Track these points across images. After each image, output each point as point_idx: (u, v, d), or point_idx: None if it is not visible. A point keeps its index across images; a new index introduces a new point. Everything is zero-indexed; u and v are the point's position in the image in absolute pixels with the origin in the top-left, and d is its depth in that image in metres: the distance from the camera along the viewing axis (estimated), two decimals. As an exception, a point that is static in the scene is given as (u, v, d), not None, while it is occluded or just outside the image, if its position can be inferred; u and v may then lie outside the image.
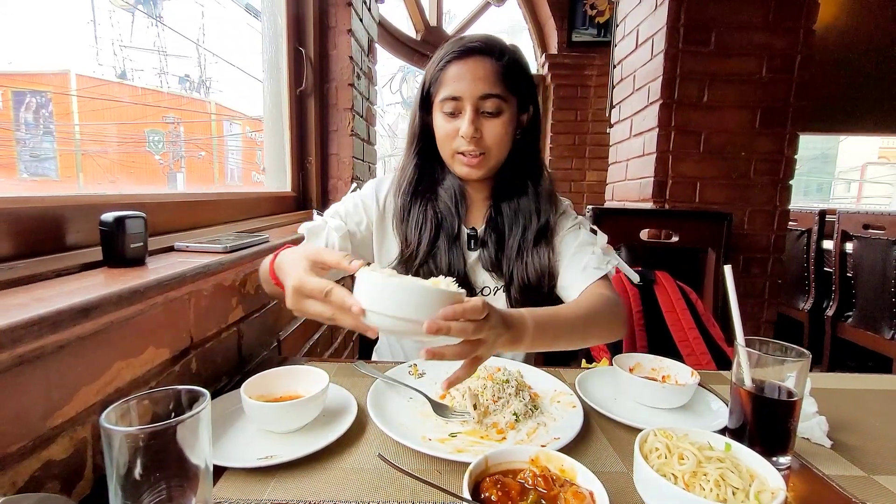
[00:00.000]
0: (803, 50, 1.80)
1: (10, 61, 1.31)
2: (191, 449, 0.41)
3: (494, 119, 0.88)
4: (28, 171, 1.47)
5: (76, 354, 0.48)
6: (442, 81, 0.89)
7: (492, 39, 0.90)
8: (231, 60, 2.69)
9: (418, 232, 0.94)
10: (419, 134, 0.97)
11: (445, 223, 0.95)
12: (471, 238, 0.97)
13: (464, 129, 0.87)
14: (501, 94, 0.87)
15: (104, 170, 1.96)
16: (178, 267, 0.66)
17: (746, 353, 0.61)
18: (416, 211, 0.95)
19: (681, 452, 0.49)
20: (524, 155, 0.97)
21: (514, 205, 0.96)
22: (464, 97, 0.87)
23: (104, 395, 0.51)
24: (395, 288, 0.49)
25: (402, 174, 0.99)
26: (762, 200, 1.87)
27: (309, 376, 0.68)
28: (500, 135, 0.89)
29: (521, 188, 0.97)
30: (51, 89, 1.84)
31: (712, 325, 1.49)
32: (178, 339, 0.66)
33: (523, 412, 0.67)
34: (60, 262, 0.62)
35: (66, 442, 0.47)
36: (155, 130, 2.75)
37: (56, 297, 0.48)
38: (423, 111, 0.95)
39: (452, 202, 0.96)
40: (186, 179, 3.38)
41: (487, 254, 0.95)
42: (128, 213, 0.66)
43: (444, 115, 0.90)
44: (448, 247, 0.94)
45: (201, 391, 0.44)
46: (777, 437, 0.59)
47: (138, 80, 2.59)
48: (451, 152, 0.91)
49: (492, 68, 0.87)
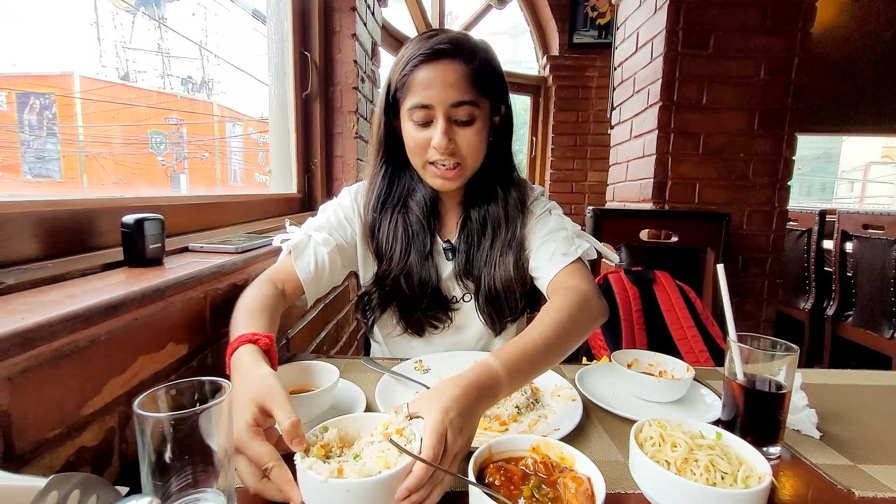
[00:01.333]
0: (800, 52, 1.82)
1: (15, 63, 1.31)
2: (214, 436, 0.44)
3: (468, 128, 0.84)
4: (32, 172, 1.50)
5: (105, 349, 0.51)
6: (409, 86, 0.83)
7: (461, 40, 0.84)
8: (235, 63, 2.72)
9: (389, 250, 0.92)
10: (385, 141, 0.92)
11: (416, 240, 0.92)
12: (446, 250, 0.95)
13: (437, 140, 0.82)
14: (474, 99, 0.82)
15: (107, 171, 1.99)
16: (195, 267, 0.70)
17: (738, 348, 0.64)
18: (387, 226, 0.92)
19: (674, 441, 0.52)
20: (496, 158, 0.93)
21: (483, 212, 0.93)
22: (435, 106, 0.81)
23: (129, 386, 0.55)
24: (335, 490, 0.44)
25: (369, 187, 0.95)
26: (761, 201, 1.90)
27: (320, 371, 0.72)
28: (474, 143, 0.85)
29: (491, 194, 0.94)
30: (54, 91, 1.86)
31: (711, 323, 1.51)
32: (195, 335, 0.69)
33: (525, 405, 0.70)
34: (85, 262, 0.65)
35: (96, 430, 0.50)
36: (158, 132, 2.78)
37: (85, 295, 0.51)
38: (388, 116, 0.90)
39: (424, 215, 0.93)
40: (189, 181, 3.42)
41: (457, 264, 0.94)
42: (147, 216, 0.70)
43: (414, 124, 0.85)
44: (420, 262, 0.92)
45: (223, 382, 0.47)
46: (767, 427, 0.62)
47: (142, 82, 2.62)
48: (423, 163, 0.87)
49: (462, 72, 0.81)
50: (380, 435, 0.52)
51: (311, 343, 1.28)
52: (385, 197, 0.93)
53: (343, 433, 0.54)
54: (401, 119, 0.88)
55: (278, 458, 0.48)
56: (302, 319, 1.16)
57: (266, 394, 0.51)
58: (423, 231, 0.92)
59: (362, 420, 0.56)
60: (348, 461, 0.49)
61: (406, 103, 0.84)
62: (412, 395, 0.75)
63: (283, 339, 1.06)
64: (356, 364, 0.88)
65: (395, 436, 0.50)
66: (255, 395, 0.51)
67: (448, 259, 0.95)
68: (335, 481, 0.44)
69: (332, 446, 0.52)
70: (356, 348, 1.80)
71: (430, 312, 0.94)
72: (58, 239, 0.65)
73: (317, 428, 0.52)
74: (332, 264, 0.90)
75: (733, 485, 0.47)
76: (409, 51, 0.83)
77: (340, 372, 0.70)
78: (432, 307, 0.94)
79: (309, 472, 0.45)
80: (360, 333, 1.83)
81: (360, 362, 0.87)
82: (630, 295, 1.50)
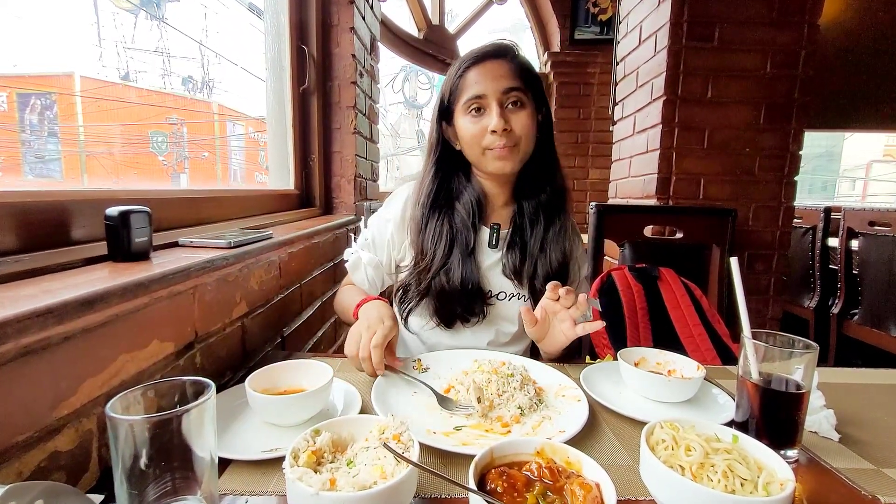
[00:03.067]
0: (807, 45, 1.78)
1: (15, 63, 1.29)
2: (196, 440, 0.41)
3: (520, 111, 0.91)
4: (33, 172, 1.48)
5: (82, 346, 0.48)
6: (462, 87, 0.92)
7: (503, 44, 0.94)
8: (234, 60, 2.70)
9: (433, 246, 0.96)
10: (437, 144, 0.99)
11: (460, 237, 0.96)
12: (493, 233, 0.98)
13: (494, 122, 0.88)
14: (522, 87, 0.90)
15: (108, 171, 1.97)
16: (183, 261, 0.66)
17: (753, 346, 0.61)
18: (433, 224, 0.97)
19: (687, 444, 0.49)
20: (542, 154, 0.99)
21: (535, 203, 0.99)
22: (487, 94, 0.90)
23: (109, 387, 0.52)
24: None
25: (420, 186, 1.00)
26: (767, 197, 1.86)
27: (313, 370, 0.68)
28: (527, 125, 0.91)
29: (541, 186, 1.00)
30: (55, 91, 1.85)
31: (717, 321, 1.48)
32: (182, 333, 0.66)
33: (528, 406, 0.67)
34: (66, 255, 0.62)
35: (71, 433, 0.47)
36: (158, 132, 2.75)
37: (62, 290, 0.48)
38: (441, 123, 0.98)
39: (469, 215, 0.97)
40: (190, 180, 3.38)
41: (511, 260, 0.98)
42: (132, 208, 0.66)
43: (471, 116, 0.92)
44: (461, 261, 0.95)
45: (206, 382, 0.44)
46: (784, 430, 0.59)
47: (142, 82, 2.60)
48: (482, 150, 0.93)
49: (510, 66, 0.91)
50: (375, 440, 0.48)
51: (308, 342, 1.25)
52: (435, 195, 0.98)
53: (336, 437, 0.51)
54: (455, 122, 0.95)
55: (379, 359, 0.73)
56: (298, 318, 1.13)
57: (390, 334, 0.76)
58: (467, 229, 0.97)
59: (357, 423, 0.53)
60: (341, 468, 0.46)
61: (461, 101, 0.92)
62: (410, 396, 0.72)
63: (279, 337, 1.03)
64: (352, 363, 0.85)
65: (391, 442, 0.47)
66: (387, 320, 0.78)
67: (491, 246, 0.99)
68: (327, 494, 0.40)
69: (325, 451, 0.48)
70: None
71: (467, 307, 0.97)
72: (38, 232, 0.62)
73: (308, 432, 0.49)
74: (378, 276, 1.04)
75: (754, 492, 0.44)
76: (458, 63, 0.94)
77: (335, 371, 0.67)
78: (469, 302, 0.96)
79: (298, 483, 0.41)
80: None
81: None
82: (634, 292, 1.47)
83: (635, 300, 1.46)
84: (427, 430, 0.61)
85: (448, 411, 0.67)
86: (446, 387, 0.74)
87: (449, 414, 0.66)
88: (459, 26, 3.81)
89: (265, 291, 0.95)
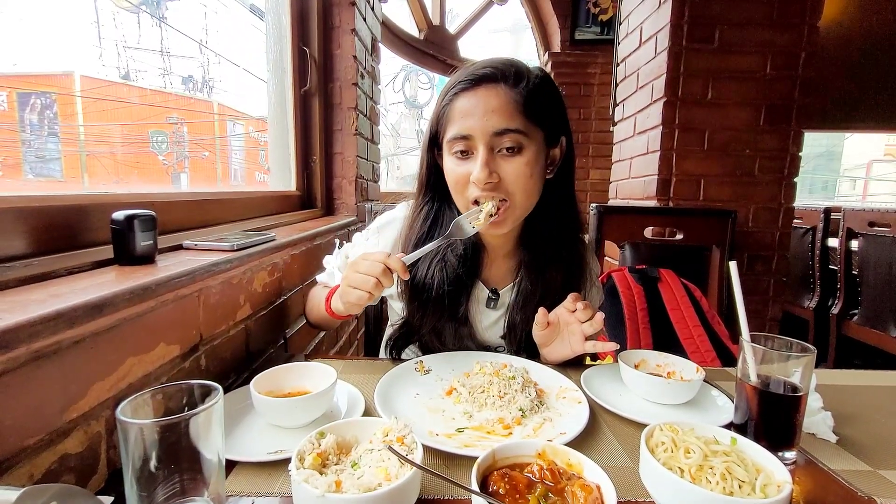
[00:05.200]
0: (807, 47, 1.79)
1: (15, 63, 1.29)
2: (203, 442, 0.42)
3: (514, 158, 0.75)
4: (33, 171, 1.48)
5: (90, 350, 0.49)
6: (450, 118, 0.77)
7: (506, 63, 0.76)
8: (235, 61, 2.70)
9: (425, 301, 0.84)
10: (427, 180, 0.86)
11: (455, 292, 0.84)
12: (490, 300, 0.88)
13: (476, 173, 0.74)
14: (521, 127, 0.74)
15: (109, 171, 1.98)
16: (188, 265, 0.67)
17: (752, 349, 0.61)
18: (424, 273, 0.84)
19: (687, 446, 0.50)
20: (554, 200, 0.83)
21: (543, 264, 0.85)
22: (474, 135, 0.74)
23: (117, 390, 0.52)
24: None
25: (409, 230, 0.87)
26: (766, 198, 1.87)
27: (317, 372, 0.69)
28: (522, 176, 0.75)
29: (549, 241, 0.84)
30: (56, 90, 1.85)
31: (717, 323, 1.49)
32: (187, 335, 0.67)
33: (529, 407, 0.68)
34: (73, 259, 0.63)
35: (80, 436, 0.48)
36: (159, 131, 2.76)
37: (70, 294, 0.49)
38: (431, 153, 0.84)
39: (465, 264, 0.84)
40: (190, 180, 3.39)
41: (510, 322, 0.87)
42: (138, 212, 0.67)
43: (455, 158, 0.78)
44: (458, 317, 0.85)
45: (214, 385, 0.45)
46: (782, 432, 0.60)
47: (142, 81, 2.61)
48: (466, 202, 0.79)
49: (507, 97, 0.74)
50: (379, 442, 0.49)
51: (310, 343, 1.26)
52: (425, 241, 0.83)
53: (341, 439, 0.52)
54: (443, 155, 0.81)
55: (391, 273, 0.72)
56: (301, 319, 1.13)
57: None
58: (463, 281, 0.84)
59: (361, 425, 0.54)
60: (346, 469, 0.47)
61: (446, 136, 0.78)
62: (412, 397, 0.73)
63: (282, 338, 1.04)
64: (355, 365, 0.85)
65: (395, 444, 0.48)
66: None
67: (489, 307, 0.88)
68: (333, 496, 0.41)
69: (330, 453, 0.49)
70: (356, 348, 1.77)
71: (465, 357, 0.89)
72: (45, 236, 0.63)
73: (313, 434, 0.50)
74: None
75: (751, 494, 0.44)
76: (451, 80, 0.78)
77: (339, 373, 0.68)
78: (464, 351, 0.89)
79: (304, 485, 0.42)
80: (360, 333, 1.80)
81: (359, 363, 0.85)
82: (635, 293, 1.48)
83: (635, 301, 1.47)
84: (429, 432, 0.62)
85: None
86: (448, 388, 0.75)
87: (451, 417, 0.67)
88: (460, 27, 3.82)
89: (268, 293, 0.95)
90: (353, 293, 0.75)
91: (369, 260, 0.73)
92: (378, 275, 0.71)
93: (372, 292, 0.73)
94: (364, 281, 0.73)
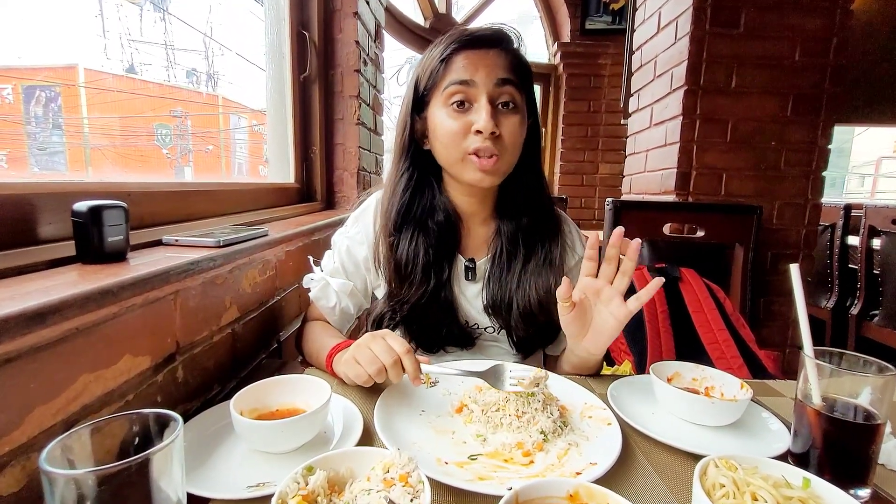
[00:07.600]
0: (839, 32, 1.68)
1: (20, 56, 1.29)
2: (158, 489, 0.34)
3: (512, 115, 0.76)
4: (39, 164, 1.44)
5: (29, 369, 0.40)
6: (448, 69, 0.76)
7: (499, 29, 0.80)
8: (238, 52, 2.63)
9: (409, 275, 0.82)
10: (409, 144, 0.82)
11: (437, 263, 0.82)
12: (468, 269, 0.85)
13: (482, 121, 0.72)
14: (517, 84, 0.76)
15: (113, 163, 1.93)
16: (162, 263, 0.58)
17: (817, 367, 0.52)
18: (406, 247, 0.82)
19: (753, 492, 0.41)
20: (526, 168, 0.83)
21: (514, 229, 0.85)
22: (478, 82, 0.74)
23: (66, 414, 0.44)
24: None
25: (389, 202, 0.84)
26: (792, 193, 1.76)
27: (309, 387, 0.61)
28: (517, 134, 0.77)
29: (523, 208, 0.85)
30: (59, 83, 1.81)
31: (742, 325, 1.39)
32: (160, 344, 0.59)
33: (552, 430, 0.59)
34: (27, 257, 0.54)
35: (17, 473, 0.39)
36: (163, 124, 2.71)
37: (8, 301, 0.40)
38: (414, 117, 0.81)
39: (446, 234, 0.83)
40: (195, 173, 3.32)
41: (487, 294, 0.84)
42: (105, 203, 0.59)
43: (451, 109, 0.75)
44: (441, 288, 0.83)
45: (172, 416, 0.36)
46: (854, 465, 0.51)
47: (146, 74, 2.57)
48: (461, 155, 0.76)
49: (504, 57, 0.77)
50: (378, 481, 0.41)
51: (308, 345, 1.17)
52: (405, 213, 0.83)
53: (333, 474, 0.43)
54: (430, 114, 0.79)
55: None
56: (296, 321, 1.05)
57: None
58: (444, 253, 0.84)
59: (357, 457, 0.45)
60: None
61: (442, 85, 0.76)
62: (417, 415, 0.64)
63: (275, 343, 0.95)
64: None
65: (398, 486, 0.39)
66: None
67: (468, 279, 0.86)
68: None
69: (318, 494, 0.41)
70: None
71: (450, 340, 0.87)
72: (-5, 229, 0.55)
73: (299, 470, 0.42)
74: (355, 304, 0.90)
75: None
76: (444, 42, 0.78)
77: (334, 386, 0.60)
78: (452, 334, 0.86)
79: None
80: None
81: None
82: (655, 294, 1.38)
83: (655, 303, 1.37)
84: (437, 460, 0.53)
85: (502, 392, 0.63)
86: (458, 405, 0.66)
87: (462, 441, 0.59)
88: (467, 15, 3.70)
89: (259, 294, 0.87)
90: (354, 369, 0.65)
91: (387, 343, 0.64)
92: (388, 364, 0.62)
93: (374, 378, 0.63)
94: (371, 361, 0.63)
